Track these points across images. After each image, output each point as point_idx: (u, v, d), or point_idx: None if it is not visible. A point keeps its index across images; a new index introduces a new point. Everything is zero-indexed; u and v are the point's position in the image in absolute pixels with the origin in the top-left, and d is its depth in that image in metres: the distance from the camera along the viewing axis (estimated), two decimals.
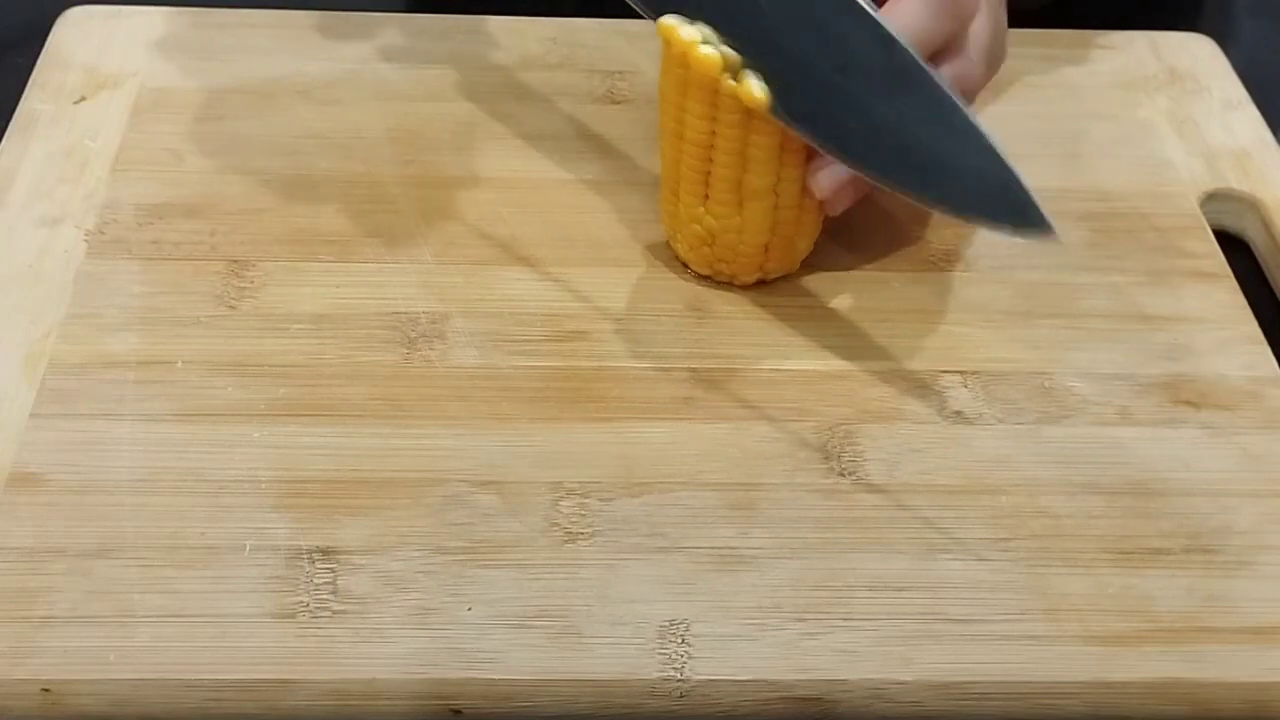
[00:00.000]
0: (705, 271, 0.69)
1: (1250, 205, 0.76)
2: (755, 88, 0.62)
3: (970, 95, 0.67)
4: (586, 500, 0.60)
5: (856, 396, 0.64)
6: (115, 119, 0.75)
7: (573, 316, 0.67)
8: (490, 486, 0.60)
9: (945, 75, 0.64)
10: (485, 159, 0.74)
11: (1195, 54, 0.85)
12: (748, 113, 0.63)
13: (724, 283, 0.68)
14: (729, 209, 0.65)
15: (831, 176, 0.64)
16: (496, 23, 0.83)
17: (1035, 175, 0.74)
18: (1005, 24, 0.69)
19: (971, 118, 0.60)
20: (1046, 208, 0.59)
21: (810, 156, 0.65)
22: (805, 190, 0.65)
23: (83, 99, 0.76)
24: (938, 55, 0.65)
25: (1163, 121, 0.80)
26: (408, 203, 0.72)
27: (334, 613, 0.55)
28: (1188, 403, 0.65)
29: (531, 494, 0.60)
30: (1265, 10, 0.96)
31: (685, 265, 0.69)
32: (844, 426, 0.63)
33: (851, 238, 0.68)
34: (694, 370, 0.65)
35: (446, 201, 0.72)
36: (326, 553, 0.57)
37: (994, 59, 0.69)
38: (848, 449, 0.62)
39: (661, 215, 0.69)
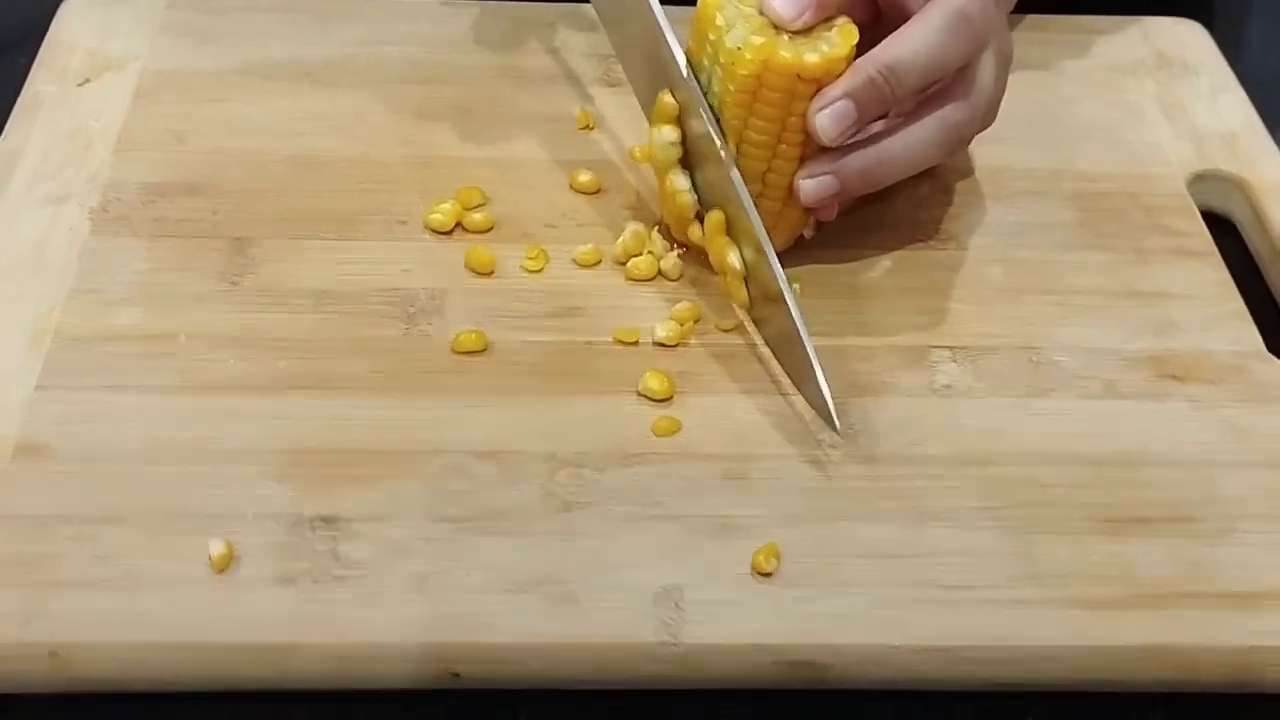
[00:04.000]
0: (680, 239, 0.69)
1: (1237, 186, 0.77)
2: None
3: (965, 142, 0.68)
4: (582, 471, 0.61)
5: (847, 370, 0.65)
6: (118, 101, 0.76)
7: (568, 293, 0.68)
8: (488, 457, 0.61)
9: (946, 117, 0.66)
10: (483, 140, 0.75)
11: (1184, 39, 0.86)
12: (754, 94, 0.64)
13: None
14: None
15: (817, 186, 0.65)
16: (493, 6, 0.84)
17: (1026, 157, 0.77)
18: (1005, 80, 0.70)
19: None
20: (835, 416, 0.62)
21: (806, 157, 0.66)
22: (791, 188, 0.66)
23: (86, 81, 0.77)
24: (945, 90, 0.66)
25: (1151, 105, 0.81)
26: (407, 182, 0.73)
27: (335, 578, 0.56)
28: (1173, 376, 0.66)
29: (528, 464, 0.61)
30: (1266, 10, 0.97)
31: (670, 238, 0.70)
32: (835, 400, 0.64)
33: (843, 216, 0.69)
34: (688, 344, 0.66)
35: (445, 181, 0.73)
36: (328, 520, 0.58)
37: (992, 108, 0.69)
38: (839, 421, 0.63)
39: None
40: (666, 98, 0.66)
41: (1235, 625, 0.57)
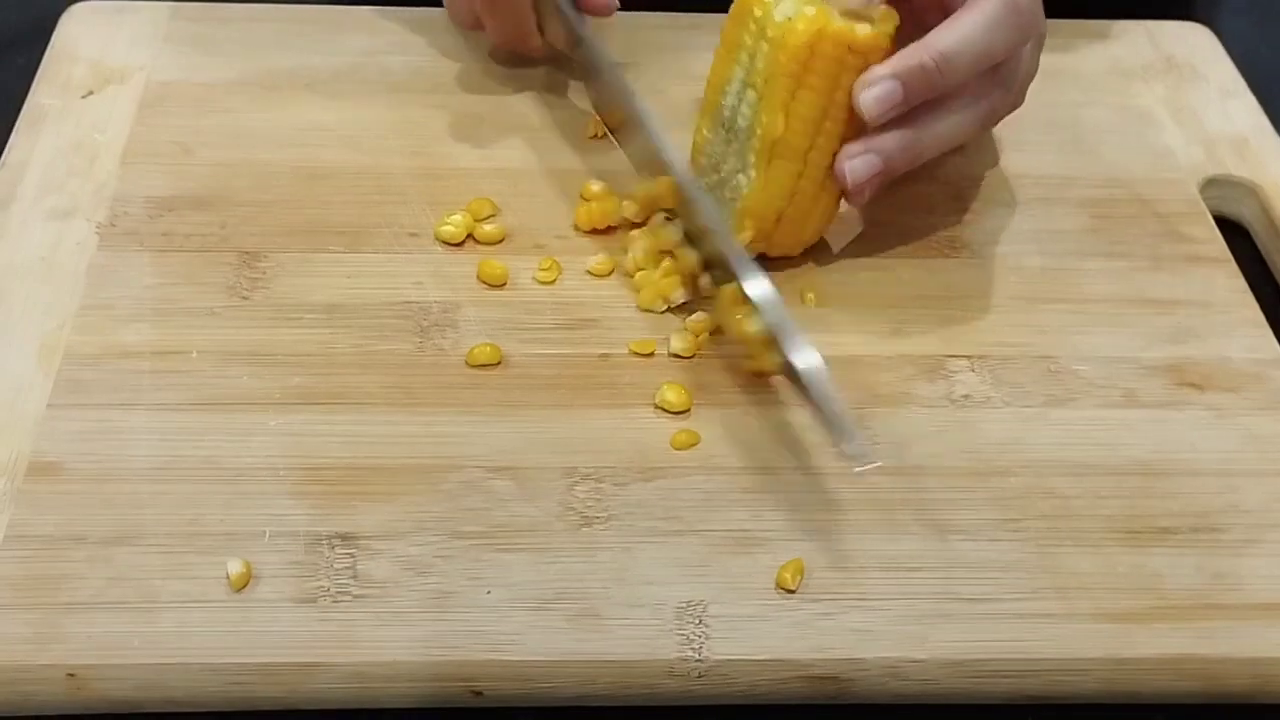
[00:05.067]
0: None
1: (1249, 191, 0.77)
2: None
3: (998, 120, 0.70)
4: (601, 485, 0.60)
5: (866, 381, 0.65)
6: (123, 113, 0.76)
7: (582, 304, 0.67)
8: (505, 472, 0.60)
9: (984, 107, 0.67)
10: (491, 149, 0.75)
11: (1192, 43, 0.86)
12: (804, 64, 0.63)
13: None
14: (757, 158, 0.66)
15: (863, 165, 0.65)
16: None
17: (1037, 162, 0.77)
18: (1038, 60, 0.71)
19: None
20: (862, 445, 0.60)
21: (847, 138, 0.65)
22: (830, 171, 0.66)
23: (90, 93, 0.77)
24: (985, 78, 0.66)
25: (1161, 109, 0.81)
26: (416, 193, 0.72)
27: (355, 597, 0.56)
28: (1192, 385, 0.66)
29: (546, 479, 0.60)
30: (1246, 10, 0.97)
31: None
32: (853, 410, 0.63)
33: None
34: (705, 356, 0.66)
35: (454, 192, 0.72)
36: (345, 538, 0.58)
37: (1025, 87, 0.70)
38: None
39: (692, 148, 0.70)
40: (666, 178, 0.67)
41: (1262, 635, 0.57)
